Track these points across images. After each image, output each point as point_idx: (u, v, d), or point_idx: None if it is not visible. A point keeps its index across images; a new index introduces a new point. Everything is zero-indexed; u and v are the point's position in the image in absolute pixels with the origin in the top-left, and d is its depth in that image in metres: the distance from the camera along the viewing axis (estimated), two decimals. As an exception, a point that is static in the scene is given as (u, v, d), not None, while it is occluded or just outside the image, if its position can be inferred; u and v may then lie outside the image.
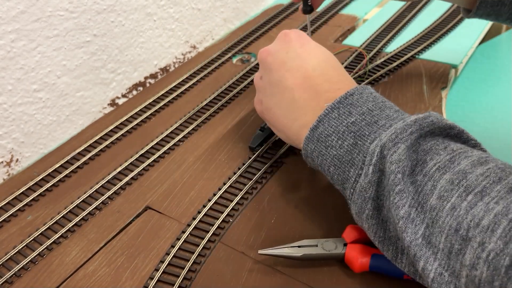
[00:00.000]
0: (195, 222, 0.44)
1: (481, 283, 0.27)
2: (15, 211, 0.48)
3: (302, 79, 0.42)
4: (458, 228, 0.29)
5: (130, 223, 0.46)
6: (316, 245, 0.40)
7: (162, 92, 0.66)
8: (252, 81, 0.67)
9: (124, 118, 0.61)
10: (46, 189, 0.51)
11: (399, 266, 0.34)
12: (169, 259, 0.41)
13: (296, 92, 0.42)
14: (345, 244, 0.39)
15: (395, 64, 0.66)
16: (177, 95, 0.65)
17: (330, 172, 0.38)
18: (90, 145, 0.57)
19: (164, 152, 0.55)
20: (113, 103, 0.69)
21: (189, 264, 0.40)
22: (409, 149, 0.33)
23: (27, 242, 0.44)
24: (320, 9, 0.86)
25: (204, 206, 0.46)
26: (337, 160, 0.37)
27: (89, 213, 0.47)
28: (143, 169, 0.52)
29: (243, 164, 0.51)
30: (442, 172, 0.31)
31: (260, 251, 0.39)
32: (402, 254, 0.34)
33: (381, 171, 0.34)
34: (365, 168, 0.34)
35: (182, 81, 0.69)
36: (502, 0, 0.48)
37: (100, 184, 0.50)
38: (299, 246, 0.39)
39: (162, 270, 0.40)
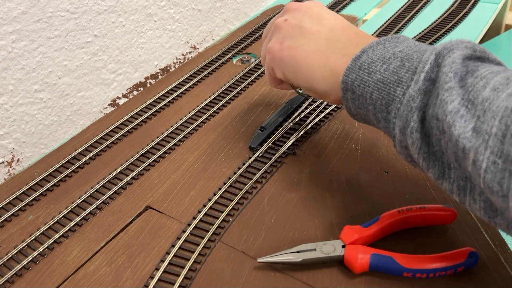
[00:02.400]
0: (195, 222, 0.45)
1: None
2: (16, 211, 0.49)
3: (342, 23, 0.42)
4: None
5: (130, 222, 0.46)
6: (315, 249, 0.39)
7: (163, 92, 0.66)
8: (251, 81, 0.67)
9: (125, 118, 0.62)
10: (47, 189, 0.51)
11: (447, 183, 0.32)
12: (170, 258, 0.41)
13: (336, 31, 0.41)
14: (343, 246, 0.39)
15: (394, 64, 0.66)
16: (178, 95, 0.66)
17: (373, 99, 0.36)
18: (91, 145, 0.57)
19: (165, 152, 0.55)
20: (113, 103, 0.69)
21: (189, 263, 0.41)
22: (463, 57, 0.32)
23: (28, 241, 0.45)
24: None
25: (205, 206, 0.46)
26: (381, 83, 0.35)
27: (90, 212, 0.48)
28: (144, 169, 0.53)
29: (243, 164, 0.51)
30: (496, 74, 0.30)
31: (259, 259, 0.39)
32: (449, 169, 0.32)
33: (431, 81, 0.32)
34: (416, 76, 0.33)
35: (183, 81, 0.69)
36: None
37: (101, 184, 0.51)
38: (298, 252, 0.39)
39: (163, 269, 0.40)
